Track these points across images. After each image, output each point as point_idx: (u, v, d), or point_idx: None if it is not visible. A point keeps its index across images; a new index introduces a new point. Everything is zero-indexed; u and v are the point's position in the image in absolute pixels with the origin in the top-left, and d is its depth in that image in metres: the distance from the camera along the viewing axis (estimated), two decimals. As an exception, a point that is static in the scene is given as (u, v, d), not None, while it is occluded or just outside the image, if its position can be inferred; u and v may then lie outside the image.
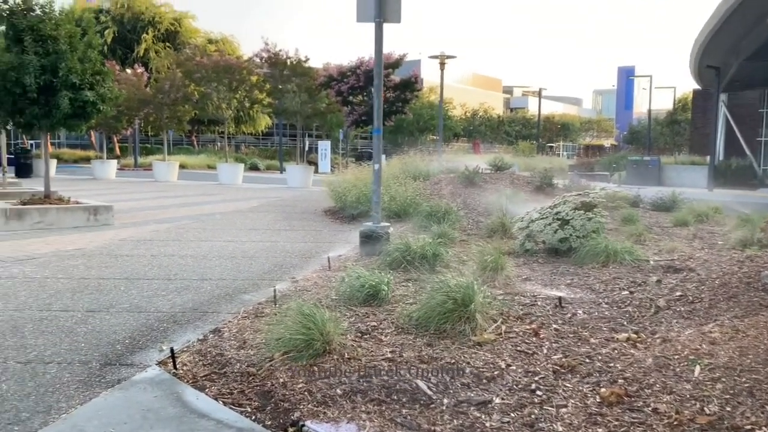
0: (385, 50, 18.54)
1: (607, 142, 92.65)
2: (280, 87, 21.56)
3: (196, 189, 20.02)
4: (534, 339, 4.26)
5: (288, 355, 3.99)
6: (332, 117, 31.49)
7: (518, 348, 4.08)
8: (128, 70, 28.05)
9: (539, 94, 44.61)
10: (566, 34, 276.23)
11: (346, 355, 4.00)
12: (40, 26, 10.22)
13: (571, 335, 4.28)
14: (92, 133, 42.36)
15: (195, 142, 55.52)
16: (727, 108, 34.05)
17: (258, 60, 21.55)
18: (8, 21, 10.23)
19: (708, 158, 35.35)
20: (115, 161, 26.96)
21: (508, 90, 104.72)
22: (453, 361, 3.87)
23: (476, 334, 4.32)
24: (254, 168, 37.20)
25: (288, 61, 20.55)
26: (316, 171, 24.40)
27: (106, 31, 41.62)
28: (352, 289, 5.37)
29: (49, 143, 36.06)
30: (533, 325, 4.49)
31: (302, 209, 13.51)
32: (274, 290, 5.61)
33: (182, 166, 29.61)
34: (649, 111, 38.66)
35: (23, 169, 25.08)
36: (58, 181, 22.63)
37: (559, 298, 5.08)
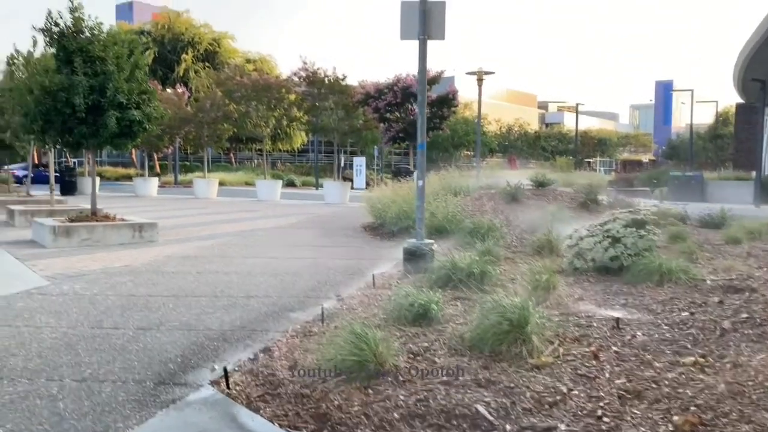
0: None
1: (645, 158, 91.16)
2: (318, 104, 21.75)
3: (235, 205, 20.23)
4: (594, 362, 4.11)
5: (341, 376, 3.93)
6: (367, 134, 31.65)
7: (578, 371, 3.93)
8: (169, 90, 28.66)
9: (576, 109, 44.12)
10: (601, 49, 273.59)
11: (401, 377, 3.91)
12: (89, 48, 10.48)
13: (633, 358, 4.11)
14: (133, 151, 43.33)
15: (233, 160, 56.35)
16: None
17: (296, 78, 21.79)
18: (59, 43, 10.51)
19: (753, 173, 34.45)
20: (156, 179, 27.48)
21: (542, 105, 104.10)
22: (512, 384, 3.75)
23: (533, 356, 4.19)
24: (291, 184, 37.49)
25: (326, 79, 20.71)
26: (351, 187, 24.49)
27: (147, 52, 42.67)
28: (400, 308, 5.29)
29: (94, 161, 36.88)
30: (592, 348, 4.34)
31: (341, 225, 13.51)
32: (322, 309, 5.56)
33: (221, 183, 30.01)
34: (691, 126, 37.84)
35: (68, 187, 25.70)
36: (102, 198, 23.13)
37: (617, 319, 4.91)
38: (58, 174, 32.99)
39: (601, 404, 3.42)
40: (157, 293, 6.52)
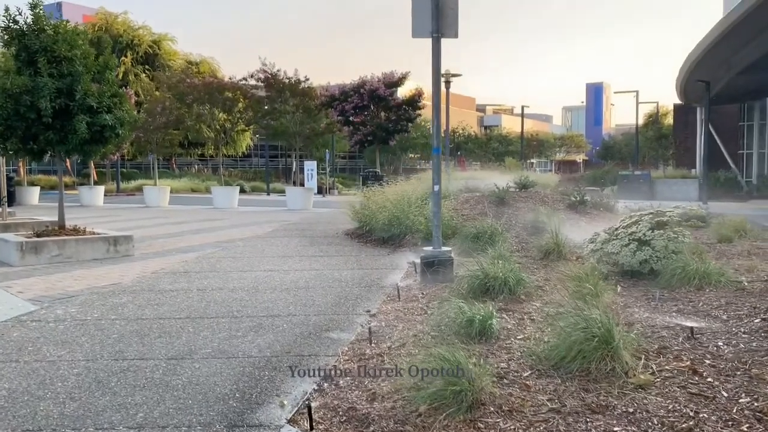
0: (386, 69, 18.26)
1: (579, 158, 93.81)
2: (277, 107, 21.08)
3: (194, 214, 19.32)
4: (696, 378, 3.85)
5: (435, 407, 3.52)
6: (319, 138, 31.04)
7: (690, 390, 3.66)
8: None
9: (522, 112, 44.87)
10: (534, 51, 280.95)
11: (504, 407, 3.54)
12: (54, 47, 9.64)
13: (738, 372, 3.88)
14: (67, 159, 41.10)
15: (173, 166, 54.47)
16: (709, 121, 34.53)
17: (254, 80, 21.04)
18: (20, 42, 9.62)
19: (693, 171, 35.86)
20: (102, 187, 26.03)
21: (480, 108, 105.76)
22: (630, 409, 3.44)
23: (629, 374, 3.90)
24: (241, 191, 36.43)
25: (286, 81, 20.08)
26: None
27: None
28: (456, 325, 4.91)
29: (24, 170, 34.63)
30: (686, 362, 4.09)
31: (322, 233, 12.99)
32: (369, 329, 5.13)
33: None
34: (636, 126, 38.99)
35: (7, 197, 24.00)
36: (44, 208, 21.74)
37: (691, 329, 4.68)
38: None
39: (744, 429, 3.15)
40: (168, 315, 5.91)
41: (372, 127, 18.44)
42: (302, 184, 27.76)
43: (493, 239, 8.97)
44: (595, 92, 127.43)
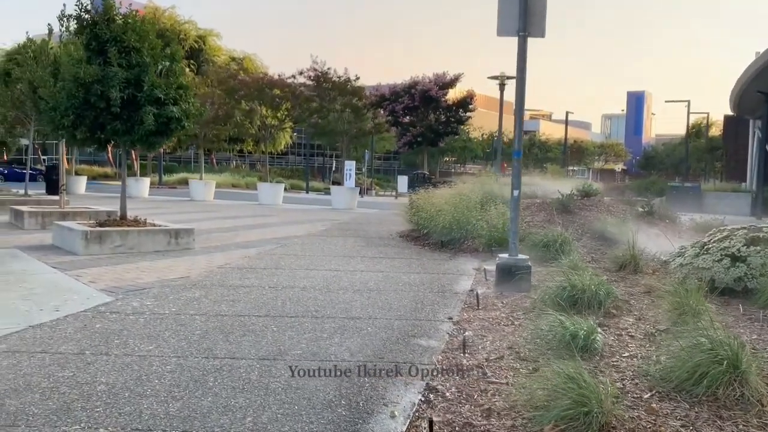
0: (438, 71, 17.99)
1: (617, 167, 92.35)
2: (326, 106, 20.99)
3: (241, 209, 19.34)
4: (841, 411, 3.54)
5: (562, 429, 3.29)
6: (364, 138, 30.87)
7: (839, 424, 3.36)
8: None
9: (566, 118, 44.19)
10: (573, 58, 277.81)
11: None
12: (124, 37, 9.65)
13: None
14: (109, 149, 41.68)
15: (213, 161, 55.02)
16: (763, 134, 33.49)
17: (303, 78, 20.98)
18: (91, 31, 9.64)
19: (743, 185, 34.81)
20: (148, 179, 26.33)
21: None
22: (779, 442, 3.15)
23: (763, 403, 3.62)
24: (281, 188, 36.55)
25: (337, 79, 19.97)
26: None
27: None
28: (555, 339, 4.66)
29: (65, 158, 35.39)
30: (824, 392, 3.78)
31: (375, 233, 12.82)
32: (463, 339, 4.92)
33: (211, 185, 28.96)
34: (687, 137, 38.08)
35: (55, 185, 24.38)
36: (93, 198, 22.08)
37: (817, 355, 4.36)
38: (37, 172, 31.59)
39: None
40: (246, 312, 5.78)
41: (422, 128, 18.19)
42: (337, 183, 27.66)
43: (563, 248, 8.68)
44: (636, 101, 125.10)
